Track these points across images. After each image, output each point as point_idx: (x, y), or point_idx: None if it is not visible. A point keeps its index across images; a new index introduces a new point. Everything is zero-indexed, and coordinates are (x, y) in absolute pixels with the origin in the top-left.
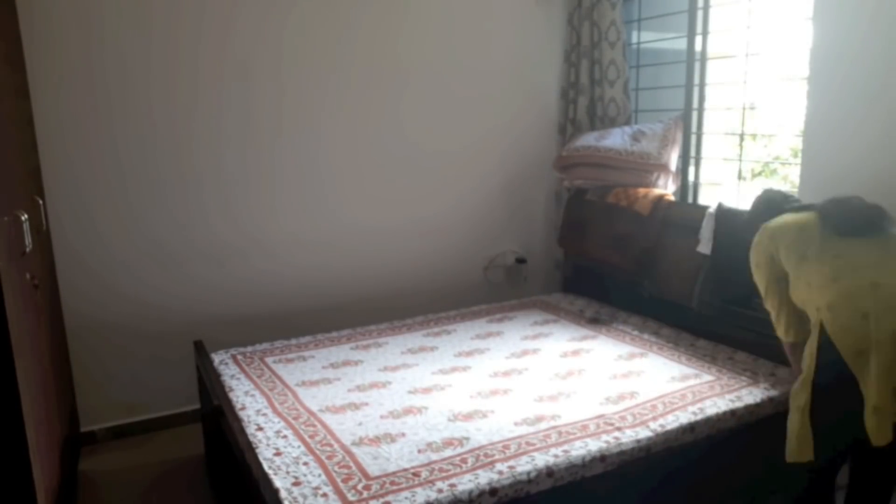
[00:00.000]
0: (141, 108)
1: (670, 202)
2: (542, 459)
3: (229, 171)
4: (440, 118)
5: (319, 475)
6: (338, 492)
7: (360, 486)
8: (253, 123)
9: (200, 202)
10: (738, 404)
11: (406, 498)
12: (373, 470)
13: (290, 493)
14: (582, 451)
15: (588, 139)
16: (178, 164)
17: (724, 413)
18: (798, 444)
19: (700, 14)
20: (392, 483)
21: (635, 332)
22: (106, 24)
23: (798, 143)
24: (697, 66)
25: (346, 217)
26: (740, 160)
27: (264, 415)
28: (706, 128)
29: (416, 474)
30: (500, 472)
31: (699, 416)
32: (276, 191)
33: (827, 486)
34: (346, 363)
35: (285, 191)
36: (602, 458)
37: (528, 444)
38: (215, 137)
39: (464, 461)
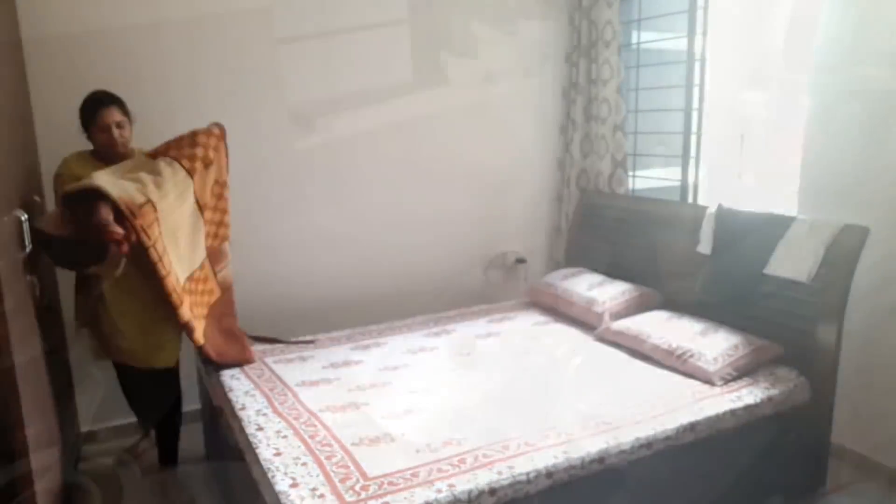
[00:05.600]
0: (140, 109)
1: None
2: (541, 460)
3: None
4: (441, 118)
5: (318, 475)
6: (335, 492)
7: (357, 487)
8: (251, 124)
9: None
10: (738, 404)
11: (405, 498)
12: (371, 470)
13: (287, 494)
14: (581, 452)
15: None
16: None
17: (724, 413)
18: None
19: (700, 14)
20: (390, 483)
21: None
22: (106, 25)
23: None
24: (697, 66)
25: (345, 218)
26: (740, 160)
27: (264, 415)
28: (706, 128)
29: (414, 474)
30: (500, 473)
31: (699, 416)
32: (275, 192)
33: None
34: (346, 363)
35: (284, 192)
36: (601, 458)
37: (527, 444)
38: None
39: (462, 461)
